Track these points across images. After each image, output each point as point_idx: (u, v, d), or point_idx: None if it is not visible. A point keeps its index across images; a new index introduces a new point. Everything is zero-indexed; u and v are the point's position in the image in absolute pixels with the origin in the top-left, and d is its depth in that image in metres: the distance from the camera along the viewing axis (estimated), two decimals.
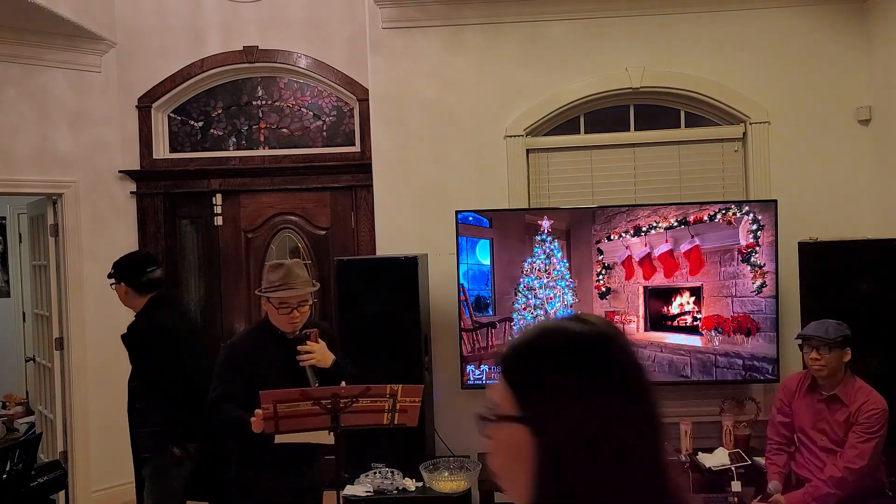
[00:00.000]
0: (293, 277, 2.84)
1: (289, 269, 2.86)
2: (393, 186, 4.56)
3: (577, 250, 4.18)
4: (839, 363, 3.25)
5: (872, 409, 3.17)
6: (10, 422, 6.25)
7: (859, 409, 3.19)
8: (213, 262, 5.39)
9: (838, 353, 3.23)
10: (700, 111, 4.54)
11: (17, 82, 4.89)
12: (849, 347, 3.25)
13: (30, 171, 4.94)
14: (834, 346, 3.22)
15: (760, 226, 4.05)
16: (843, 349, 3.24)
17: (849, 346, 3.24)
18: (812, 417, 3.34)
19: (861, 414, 3.17)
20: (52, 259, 5.13)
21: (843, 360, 3.25)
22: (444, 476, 3.86)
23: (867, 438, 3.13)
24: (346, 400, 2.68)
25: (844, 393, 3.25)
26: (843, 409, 3.24)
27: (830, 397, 3.29)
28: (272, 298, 2.83)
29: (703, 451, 3.82)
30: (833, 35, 4.36)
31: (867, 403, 3.19)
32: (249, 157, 5.34)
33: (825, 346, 3.23)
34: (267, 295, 2.85)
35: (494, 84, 4.50)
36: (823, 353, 3.24)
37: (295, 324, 2.86)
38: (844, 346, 3.24)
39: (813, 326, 3.35)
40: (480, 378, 4.20)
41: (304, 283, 2.87)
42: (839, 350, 3.23)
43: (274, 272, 2.87)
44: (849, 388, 3.26)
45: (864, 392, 3.23)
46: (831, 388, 3.28)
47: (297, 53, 5.21)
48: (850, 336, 3.25)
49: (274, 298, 2.82)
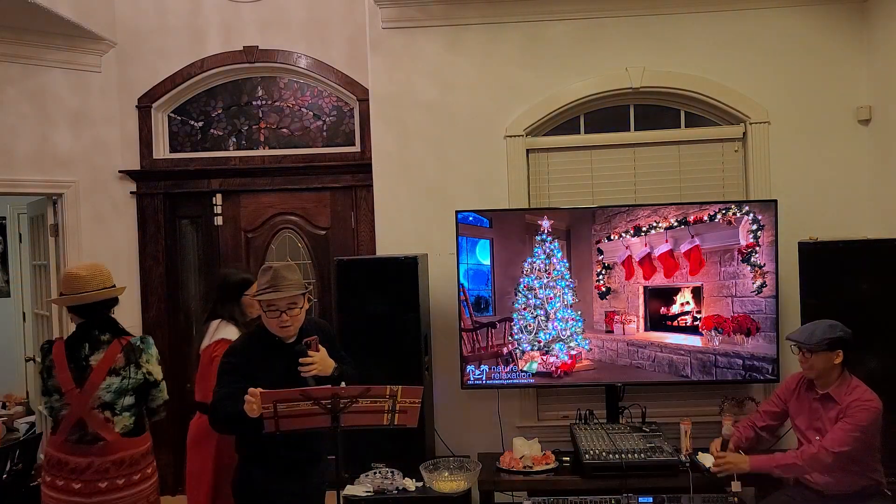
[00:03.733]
0: (280, 280, 2.80)
1: (276, 272, 2.82)
2: (393, 186, 4.56)
3: (577, 250, 4.18)
4: (827, 365, 3.25)
5: (861, 403, 3.17)
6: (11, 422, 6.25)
7: (849, 404, 3.20)
8: (213, 263, 5.39)
9: (824, 356, 3.24)
10: (700, 111, 4.54)
11: (17, 82, 4.89)
12: (840, 349, 3.24)
13: (30, 171, 4.94)
14: (817, 350, 3.23)
15: (760, 226, 4.05)
16: (830, 352, 3.23)
17: (839, 348, 3.23)
18: (809, 416, 3.36)
19: (850, 408, 3.18)
20: (52, 259, 5.13)
21: (833, 363, 3.25)
22: (444, 476, 3.86)
23: (851, 427, 3.13)
24: (346, 400, 2.68)
25: (838, 392, 3.26)
26: (836, 407, 3.26)
27: (824, 396, 3.31)
28: (260, 302, 2.83)
29: (703, 451, 3.83)
30: (833, 35, 4.36)
31: (857, 399, 3.19)
32: (249, 157, 5.34)
33: (808, 350, 3.26)
34: (256, 299, 2.85)
35: (494, 84, 4.51)
36: (808, 355, 3.27)
37: (286, 328, 2.83)
38: (833, 349, 3.23)
39: (800, 329, 3.38)
40: (480, 378, 4.20)
41: (291, 285, 2.81)
42: (825, 353, 3.23)
43: (263, 275, 2.85)
44: (843, 387, 3.27)
45: (858, 391, 3.24)
46: (825, 388, 3.31)
47: (297, 53, 5.21)
48: (844, 338, 3.25)
49: (262, 302, 2.81)
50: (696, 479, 3.53)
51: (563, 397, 4.50)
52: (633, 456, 3.67)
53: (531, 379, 4.20)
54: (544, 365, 4.18)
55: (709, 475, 3.57)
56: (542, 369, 4.18)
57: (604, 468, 3.64)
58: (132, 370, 3.04)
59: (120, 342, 3.05)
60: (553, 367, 4.18)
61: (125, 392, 3.03)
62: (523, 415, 4.51)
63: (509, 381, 4.20)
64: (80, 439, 3.00)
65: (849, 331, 3.28)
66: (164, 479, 5.39)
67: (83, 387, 2.97)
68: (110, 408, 3.01)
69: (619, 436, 3.89)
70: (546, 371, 4.18)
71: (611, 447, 3.75)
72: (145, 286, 5.29)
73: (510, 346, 4.19)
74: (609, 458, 3.67)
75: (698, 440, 3.88)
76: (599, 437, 3.89)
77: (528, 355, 4.19)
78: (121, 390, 3.02)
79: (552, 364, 4.18)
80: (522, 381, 4.22)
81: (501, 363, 4.20)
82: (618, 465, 3.63)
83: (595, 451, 3.71)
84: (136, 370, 3.05)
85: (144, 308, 5.28)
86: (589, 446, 3.77)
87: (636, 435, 3.90)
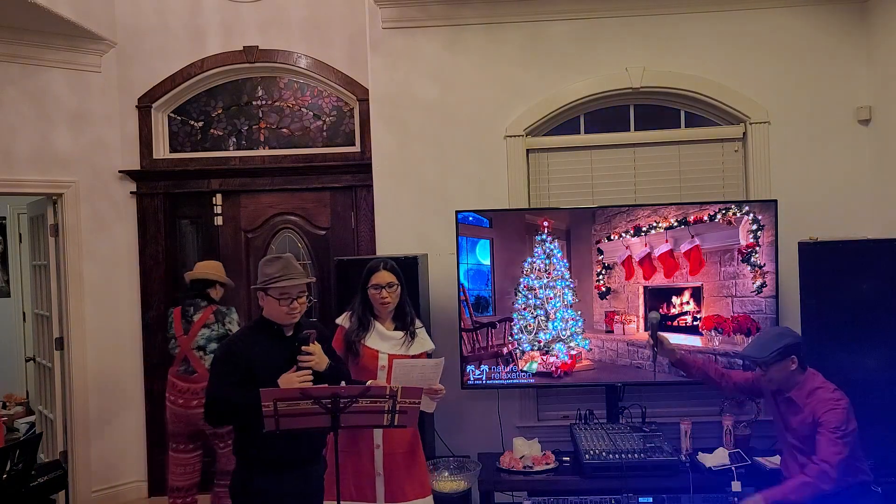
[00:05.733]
0: (291, 268, 2.88)
1: (287, 261, 2.90)
2: (393, 186, 4.56)
3: (577, 250, 4.18)
4: (784, 373, 3.24)
5: (830, 406, 3.15)
6: (11, 422, 6.26)
7: (818, 411, 3.17)
8: None
9: (778, 366, 3.23)
10: (700, 111, 4.54)
11: (17, 82, 4.89)
12: (793, 355, 3.22)
13: (30, 171, 4.94)
14: (771, 362, 3.22)
15: (760, 226, 4.05)
16: (783, 361, 3.22)
17: (792, 354, 3.22)
18: (781, 417, 3.36)
19: (822, 416, 3.15)
20: (52, 259, 5.13)
21: (789, 370, 3.23)
22: (444, 476, 3.86)
23: (834, 434, 3.10)
24: (346, 400, 2.68)
25: (798, 395, 3.25)
26: (798, 411, 3.24)
27: (787, 399, 3.30)
28: (272, 290, 2.84)
29: (703, 451, 3.83)
30: (833, 35, 4.37)
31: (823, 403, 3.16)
32: (249, 157, 5.34)
33: (763, 365, 3.25)
34: (267, 286, 2.85)
35: (494, 84, 4.51)
36: (764, 370, 3.26)
37: (294, 315, 2.88)
38: (785, 358, 3.21)
39: (750, 344, 3.38)
40: (480, 378, 4.20)
41: (301, 273, 2.91)
42: (779, 363, 3.22)
43: (271, 265, 2.89)
44: (803, 390, 3.25)
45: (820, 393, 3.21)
46: (787, 391, 3.29)
47: (297, 53, 5.21)
48: (793, 344, 3.23)
49: (274, 289, 2.84)
50: (696, 479, 3.53)
51: (563, 397, 4.50)
52: (632, 456, 3.67)
53: (531, 379, 4.20)
54: (544, 365, 4.18)
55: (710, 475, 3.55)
56: (542, 369, 4.18)
57: (604, 468, 3.64)
58: (218, 326, 4.28)
59: (211, 308, 4.32)
60: (553, 367, 4.18)
61: (212, 340, 4.24)
62: (523, 415, 4.51)
63: (509, 381, 4.20)
64: (185, 371, 4.26)
65: (797, 334, 3.28)
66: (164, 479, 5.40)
67: (188, 334, 4.27)
68: (203, 350, 4.25)
69: (619, 436, 3.89)
70: (546, 371, 4.18)
71: (611, 447, 3.75)
72: (145, 286, 5.29)
73: (510, 346, 4.19)
74: (609, 457, 3.67)
75: (698, 440, 3.88)
76: (599, 437, 3.89)
77: (528, 355, 4.19)
78: (210, 338, 4.25)
79: (552, 364, 4.18)
80: (522, 381, 4.22)
81: (501, 363, 4.20)
82: (618, 464, 3.63)
83: (595, 451, 3.71)
84: (220, 326, 4.28)
85: (144, 308, 5.28)
86: (589, 446, 3.77)
87: (636, 435, 3.90)
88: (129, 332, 5.27)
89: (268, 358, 2.82)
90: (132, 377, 5.27)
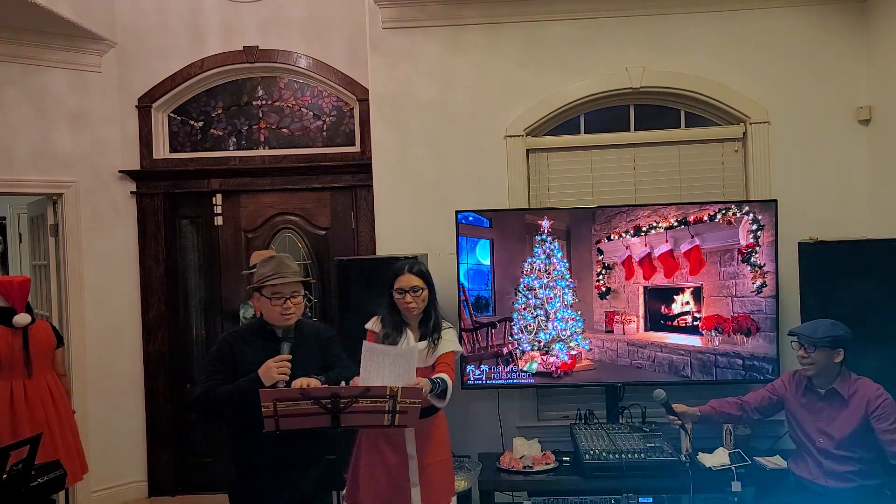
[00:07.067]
0: (284, 267, 2.87)
1: (280, 261, 2.90)
2: (393, 186, 4.56)
3: (577, 250, 4.18)
4: (828, 363, 3.27)
5: (881, 396, 3.20)
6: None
7: (867, 402, 3.21)
8: (213, 262, 5.40)
9: (826, 352, 3.25)
10: (700, 111, 4.54)
11: (17, 82, 4.89)
12: (841, 348, 3.25)
13: (30, 171, 4.94)
14: (821, 345, 3.25)
15: (760, 226, 4.05)
16: (832, 349, 3.25)
17: (841, 346, 3.25)
18: (813, 417, 3.35)
19: (877, 408, 3.19)
20: (52, 259, 5.13)
21: (834, 361, 3.27)
22: None
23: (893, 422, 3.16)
24: (346, 400, 2.67)
25: (842, 387, 3.28)
26: (842, 403, 3.26)
27: (829, 393, 3.31)
28: (266, 290, 2.83)
29: (703, 451, 3.82)
30: (833, 35, 4.36)
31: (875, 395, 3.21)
32: (249, 157, 5.34)
33: (811, 345, 3.27)
34: (260, 285, 2.85)
35: (494, 84, 4.51)
36: (810, 350, 3.28)
37: (288, 315, 2.85)
38: (835, 347, 3.25)
39: (805, 324, 3.41)
40: (480, 378, 4.20)
41: (295, 272, 2.90)
42: (827, 350, 3.25)
43: (265, 265, 2.89)
44: (846, 382, 3.29)
45: (864, 384, 3.27)
46: (827, 385, 3.31)
47: (297, 53, 5.21)
48: (845, 337, 3.26)
49: (267, 289, 2.83)
50: (696, 480, 3.53)
51: (563, 397, 4.50)
52: (632, 456, 3.67)
53: (531, 379, 4.20)
54: (544, 365, 4.18)
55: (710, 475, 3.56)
56: (542, 369, 4.18)
57: (604, 468, 3.64)
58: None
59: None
60: (553, 367, 4.18)
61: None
62: (523, 415, 4.51)
63: (509, 381, 4.20)
64: None
65: (850, 331, 3.29)
66: (164, 479, 5.40)
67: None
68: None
69: (619, 436, 3.89)
70: (546, 371, 4.18)
71: (611, 447, 3.75)
72: (145, 286, 5.29)
73: (510, 346, 4.19)
74: (609, 457, 3.67)
75: (698, 440, 3.87)
76: (599, 437, 3.89)
77: (528, 355, 4.19)
78: None
79: (552, 364, 4.18)
80: (522, 381, 4.22)
81: (501, 363, 4.20)
82: (618, 465, 3.63)
83: (595, 451, 3.71)
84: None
85: (144, 308, 5.28)
86: (589, 446, 3.77)
87: (636, 435, 3.90)
88: (129, 332, 5.27)
89: (257, 357, 2.80)
90: (132, 377, 5.27)
